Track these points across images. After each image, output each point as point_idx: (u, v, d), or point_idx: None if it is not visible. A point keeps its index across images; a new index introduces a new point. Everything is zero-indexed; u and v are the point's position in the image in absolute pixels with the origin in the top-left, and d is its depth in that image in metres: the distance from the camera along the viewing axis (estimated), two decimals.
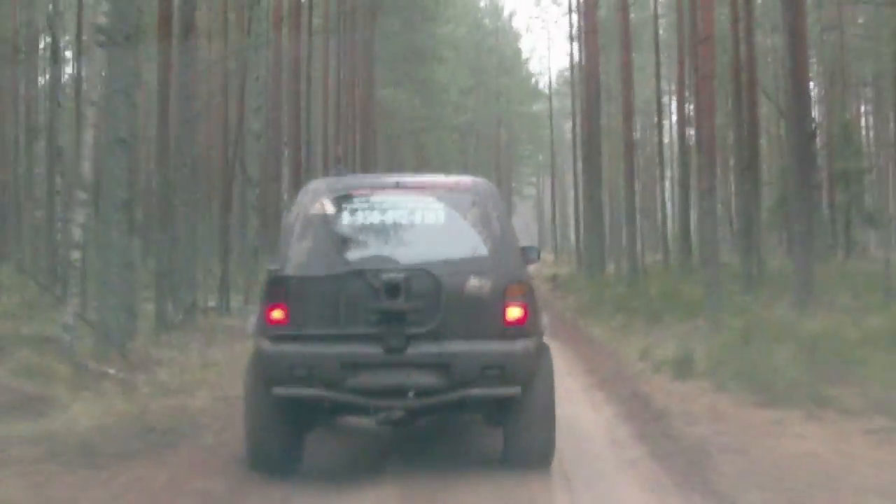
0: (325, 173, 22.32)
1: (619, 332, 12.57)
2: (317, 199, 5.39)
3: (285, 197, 20.54)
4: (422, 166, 44.09)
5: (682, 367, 8.55)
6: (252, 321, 5.50)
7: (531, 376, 5.16)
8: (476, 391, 5.02)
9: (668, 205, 31.49)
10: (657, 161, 29.75)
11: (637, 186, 29.56)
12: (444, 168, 47.56)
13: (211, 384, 8.18)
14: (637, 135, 36.62)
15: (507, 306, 5.06)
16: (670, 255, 26.73)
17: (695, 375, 8.36)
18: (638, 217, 26.58)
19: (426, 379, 4.98)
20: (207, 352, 9.94)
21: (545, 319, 5.59)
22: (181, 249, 12.93)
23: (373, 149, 35.63)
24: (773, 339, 8.86)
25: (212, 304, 14.17)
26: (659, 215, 30.43)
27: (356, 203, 5.33)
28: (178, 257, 12.59)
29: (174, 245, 12.48)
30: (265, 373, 5.13)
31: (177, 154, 13.27)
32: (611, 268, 25.83)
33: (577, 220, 34.04)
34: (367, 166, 32.48)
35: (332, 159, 24.91)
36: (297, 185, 17.88)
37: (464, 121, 51.15)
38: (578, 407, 7.67)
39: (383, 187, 5.53)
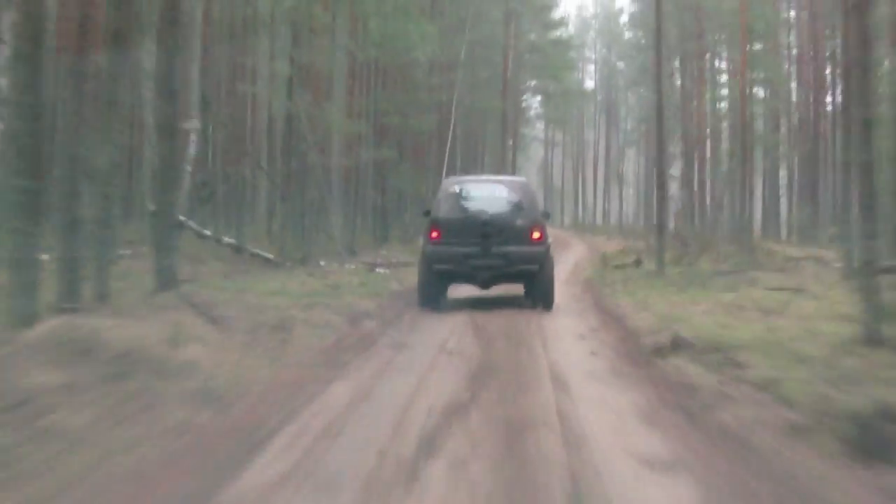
0: None
1: None
2: (450, 184, 11.91)
3: None
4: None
5: None
6: (422, 240, 12.10)
7: (543, 262, 11.13)
8: (519, 267, 11.11)
9: None
10: None
11: None
12: (413, 79, 26.64)
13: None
14: None
15: (532, 232, 11.18)
16: None
17: None
18: None
19: (498, 262, 11.05)
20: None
21: (550, 238, 11.75)
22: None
23: None
24: None
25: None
26: None
27: (468, 186, 11.60)
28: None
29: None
30: (429, 259, 11.17)
31: None
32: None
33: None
34: None
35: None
36: None
37: None
38: None
39: (479, 180, 12.66)
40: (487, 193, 11.42)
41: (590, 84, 67.88)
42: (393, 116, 22.75)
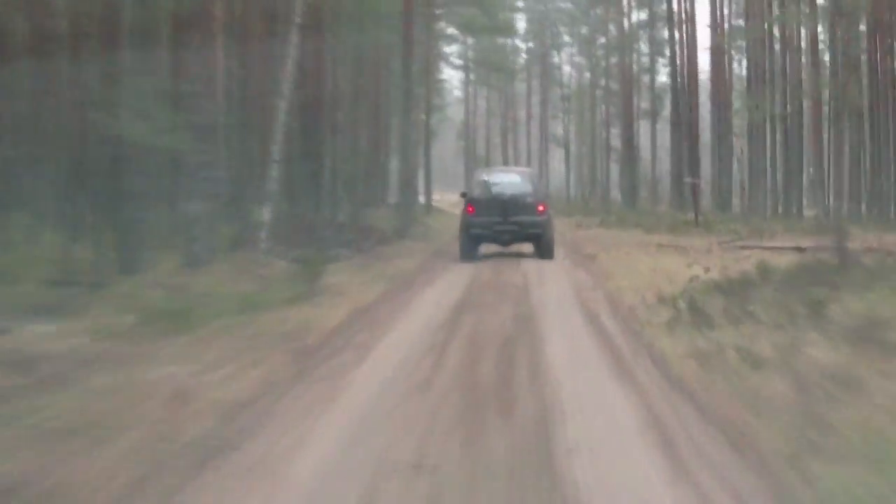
0: None
1: None
2: (480, 173, 18.63)
3: None
4: None
5: None
6: (461, 212, 16.65)
7: (546, 228, 15.90)
8: (528, 231, 15.98)
9: None
10: None
11: None
12: None
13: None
14: None
15: (538, 206, 15.89)
16: None
17: None
18: None
19: (514, 228, 15.85)
20: None
21: (551, 211, 16.86)
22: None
23: None
24: None
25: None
26: None
27: (493, 175, 17.65)
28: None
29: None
30: (467, 225, 15.93)
31: None
32: None
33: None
34: None
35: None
36: None
37: None
38: None
39: (501, 171, 21.54)
40: (507, 180, 16.93)
41: (521, 25, 54.14)
42: None
